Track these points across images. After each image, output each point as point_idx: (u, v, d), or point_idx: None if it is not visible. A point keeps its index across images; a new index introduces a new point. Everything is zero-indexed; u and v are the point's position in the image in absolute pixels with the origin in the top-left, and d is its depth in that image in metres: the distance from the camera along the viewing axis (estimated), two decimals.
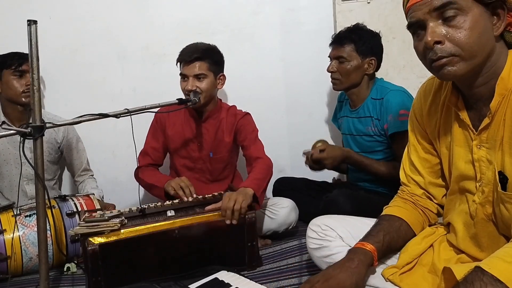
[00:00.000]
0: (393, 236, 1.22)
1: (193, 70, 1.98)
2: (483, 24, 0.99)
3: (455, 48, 1.00)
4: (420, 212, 1.30)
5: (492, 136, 1.07)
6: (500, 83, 1.03)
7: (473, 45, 0.99)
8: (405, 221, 1.25)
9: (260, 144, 2.07)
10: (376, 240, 1.19)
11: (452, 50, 1.00)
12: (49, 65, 2.19)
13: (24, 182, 2.14)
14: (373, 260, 1.16)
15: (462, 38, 0.99)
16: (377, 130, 2.00)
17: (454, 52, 1.00)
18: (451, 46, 1.00)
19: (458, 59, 1.01)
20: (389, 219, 1.27)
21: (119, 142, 2.48)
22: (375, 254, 1.16)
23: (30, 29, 1.37)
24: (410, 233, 1.27)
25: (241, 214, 1.67)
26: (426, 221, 1.31)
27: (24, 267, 1.81)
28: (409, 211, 1.29)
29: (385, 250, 1.20)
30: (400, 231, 1.24)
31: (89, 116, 1.56)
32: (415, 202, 1.30)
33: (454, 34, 0.99)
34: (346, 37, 2.03)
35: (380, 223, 1.26)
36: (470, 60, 1.01)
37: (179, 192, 1.89)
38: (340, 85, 2.07)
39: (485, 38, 1.00)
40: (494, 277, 0.86)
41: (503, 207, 1.06)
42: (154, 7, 2.48)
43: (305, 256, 1.74)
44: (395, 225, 1.24)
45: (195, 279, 1.51)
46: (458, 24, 0.99)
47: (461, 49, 1.00)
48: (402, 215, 1.27)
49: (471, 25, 0.98)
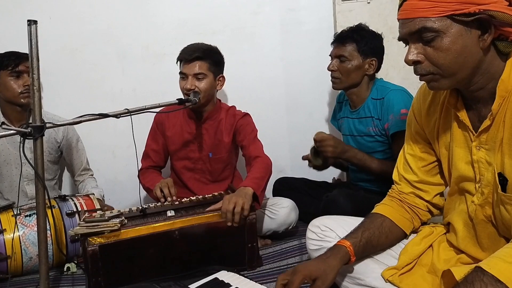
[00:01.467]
0: (373, 232, 1.24)
1: (193, 69, 1.98)
2: (462, 43, 1.00)
3: (433, 67, 1.04)
4: (407, 209, 1.31)
5: (492, 137, 1.07)
6: (501, 85, 1.03)
7: (450, 65, 1.02)
8: (388, 218, 1.27)
9: (259, 143, 2.07)
10: (354, 236, 1.22)
11: (431, 69, 1.04)
12: (49, 65, 2.19)
13: (25, 183, 2.14)
14: (349, 254, 1.18)
15: (439, 59, 1.02)
16: (378, 130, 2.00)
17: (433, 71, 1.04)
18: (429, 65, 1.04)
19: (439, 76, 1.05)
20: (371, 216, 1.30)
21: (119, 142, 2.48)
22: (350, 249, 1.18)
23: (30, 29, 1.36)
24: (395, 229, 1.28)
25: (243, 216, 1.67)
26: (415, 217, 1.31)
27: (24, 267, 1.81)
28: (394, 208, 1.30)
29: (364, 245, 1.22)
30: (383, 227, 1.26)
31: (89, 116, 1.56)
32: (402, 200, 1.31)
33: (432, 55, 1.03)
34: (348, 36, 2.02)
35: (363, 222, 1.29)
36: (451, 77, 1.04)
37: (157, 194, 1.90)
38: (340, 84, 2.07)
39: (466, 55, 1.01)
40: (494, 277, 0.86)
41: (503, 209, 1.06)
42: (154, 7, 2.48)
43: (305, 256, 1.74)
44: (376, 222, 1.27)
45: (195, 279, 1.51)
46: (435, 45, 1.01)
47: (439, 68, 1.03)
48: (385, 213, 1.29)
49: (448, 46, 1.00)
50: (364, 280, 1.23)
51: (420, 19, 1.00)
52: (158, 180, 2.02)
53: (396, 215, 1.29)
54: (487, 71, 1.04)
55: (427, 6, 0.99)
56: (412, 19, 1.02)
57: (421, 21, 1.00)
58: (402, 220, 1.29)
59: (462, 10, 0.97)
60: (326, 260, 1.15)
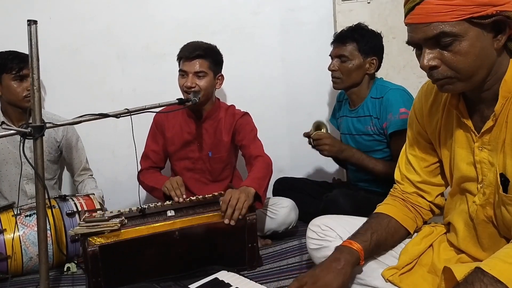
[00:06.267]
0: (381, 234, 1.23)
1: (194, 67, 1.98)
2: (480, 45, 0.99)
3: (451, 71, 1.02)
4: (410, 208, 1.31)
5: (494, 138, 1.07)
6: (504, 86, 1.03)
7: (469, 69, 1.00)
8: (393, 218, 1.27)
9: (259, 143, 2.06)
10: (364, 239, 1.20)
11: (448, 73, 1.02)
12: (49, 65, 2.19)
13: (24, 182, 2.14)
14: (359, 259, 1.17)
15: (458, 63, 1.00)
16: (376, 129, 2.00)
17: (450, 75, 1.02)
18: (447, 70, 1.02)
19: (455, 80, 1.03)
20: (377, 217, 1.28)
21: (119, 142, 2.47)
22: (361, 254, 1.17)
23: (30, 29, 1.36)
24: (400, 229, 1.28)
25: (241, 216, 1.66)
26: (418, 216, 1.31)
27: (24, 267, 1.81)
28: (398, 207, 1.30)
29: (373, 248, 1.21)
30: (389, 228, 1.26)
31: (89, 116, 1.55)
32: (405, 199, 1.31)
33: (449, 59, 1.00)
34: (349, 36, 2.02)
35: (369, 222, 1.27)
36: (468, 80, 1.02)
37: (171, 193, 1.90)
38: (340, 84, 2.06)
39: (483, 57, 1.00)
40: (494, 278, 0.86)
41: (504, 209, 1.06)
42: (154, 7, 2.48)
43: (305, 256, 1.74)
44: (383, 222, 1.26)
45: (195, 279, 1.51)
46: (454, 49, 0.99)
47: (457, 72, 1.01)
48: (390, 213, 1.28)
49: (467, 50, 0.98)
50: (365, 279, 1.22)
51: (437, 24, 0.98)
52: (164, 179, 2.01)
53: (401, 214, 1.29)
54: (496, 72, 1.04)
55: (444, 10, 0.96)
56: (428, 23, 0.99)
57: (439, 26, 0.98)
58: (407, 219, 1.29)
59: (480, 12, 0.95)
60: (341, 271, 1.13)
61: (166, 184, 1.94)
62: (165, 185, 1.94)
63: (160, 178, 2.08)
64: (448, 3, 0.96)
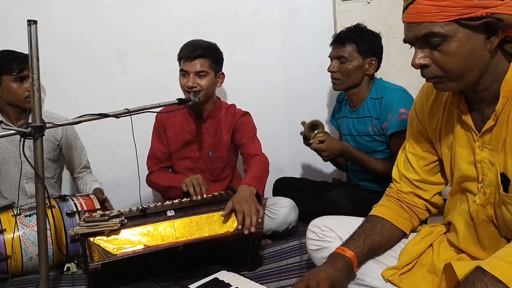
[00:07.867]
0: (375, 239, 1.23)
1: (195, 67, 1.98)
2: (470, 46, 0.99)
3: (440, 71, 1.04)
4: (405, 208, 1.30)
5: (495, 137, 1.07)
6: (505, 85, 1.03)
7: (458, 69, 1.01)
8: (388, 221, 1.27)
9: (258, 142, 2.06)
10: (356, 245, 1.21)
11: (438, 72, 1.04)
12: (49, 65, 2.18)
13: (24, 181, 2.13)
14: (353, 266, 1.18)
15: (446, 63, 1.02)
16: (377, 130, 2.00)
17: (440, 74, 1.04)
18: (437, 69, 1.04)
19: (445, 79, 1.05)
20: (372, 220, 1.29)
21: (119, 142, 2.47)
22: (354, 261, 1.18)
23: (30, 29, 1.36)
24: (395, 231, 1.28)
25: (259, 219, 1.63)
26: (414, 216, 1.31)
27: (24, 267, 1.81)
28: (392, 209, 1.30)
29: (366, 254, 1.22)
30: (383, 231, 1.26)
31: (89, 116, 1.55)
32: (400, 199, 1.31)
33: (439, 58, 1.02)
34: (347, 37, 2.02)
35: (363, 226, 1.27)
36: (458, 80, 1.04)
37: (190, 190, 1.89)
38: (340, 85, 2.06)
39: (473, 58, 1.00)
40: (495, 277, 0.86)
41: (504, 209, 1.06)
42: (154, 6, 2.48)
43: (305, 256, 1.74)
44: (377, 226, 1.26)
45: (195, 279, 1.51)
46: (442, 49, 1.01)
47: (446, 72, 1.03)
48: (385, 215, 1.28)
49: (455, 50, 0.99)
50: (364, 280, 1.22)
51: (426, 24, 0.99)
52: (179, 177, 2.01)
53: (395, 216, 1.29)
54: (492, 72, 1.04)
55: (433, 10, 0.98)
56: (418, 23, 1.01)
57: (428, 26, 0.99)
58: (401, 221, 1.29)
59: (469, 14, 0.96)
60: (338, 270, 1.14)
61: (186, 180, 1.93)
62: (185, 181, 1.92)
63: (177, 177, 2.08)
64: (437, 4, 0.97)
